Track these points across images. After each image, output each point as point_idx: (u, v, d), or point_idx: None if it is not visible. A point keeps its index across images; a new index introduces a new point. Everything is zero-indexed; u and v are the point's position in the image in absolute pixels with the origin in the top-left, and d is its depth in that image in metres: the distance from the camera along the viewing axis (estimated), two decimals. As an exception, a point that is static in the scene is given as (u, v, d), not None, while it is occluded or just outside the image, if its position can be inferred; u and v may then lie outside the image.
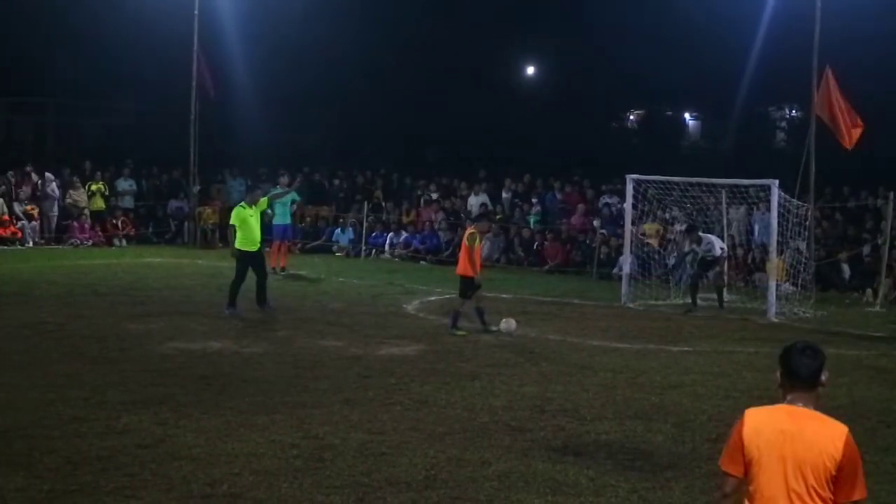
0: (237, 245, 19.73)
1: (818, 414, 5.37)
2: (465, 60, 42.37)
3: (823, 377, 5.47)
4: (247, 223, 19.68)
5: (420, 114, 42.55)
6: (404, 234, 31.72)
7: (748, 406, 13.11)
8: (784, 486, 5.27)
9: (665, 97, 44.55)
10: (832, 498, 5.27)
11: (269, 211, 23.95)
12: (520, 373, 14.85)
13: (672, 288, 23.95)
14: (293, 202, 27.92)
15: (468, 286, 18.24)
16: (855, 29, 30.24)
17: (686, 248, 23.12)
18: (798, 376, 5.41)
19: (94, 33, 39.85)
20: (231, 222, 20.02)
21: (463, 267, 18.39)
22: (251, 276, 19.68)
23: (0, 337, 16.46)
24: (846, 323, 20.55)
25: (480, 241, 18.88)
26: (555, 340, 17.74)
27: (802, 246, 23.92)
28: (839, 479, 5.24)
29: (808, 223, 23.89)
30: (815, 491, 5.25)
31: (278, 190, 24.42)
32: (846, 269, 26.03)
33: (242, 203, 20.31)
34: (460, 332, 17.82)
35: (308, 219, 33.90)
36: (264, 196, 20.97)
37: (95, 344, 16.07)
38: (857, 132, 23.71)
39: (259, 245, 19.97)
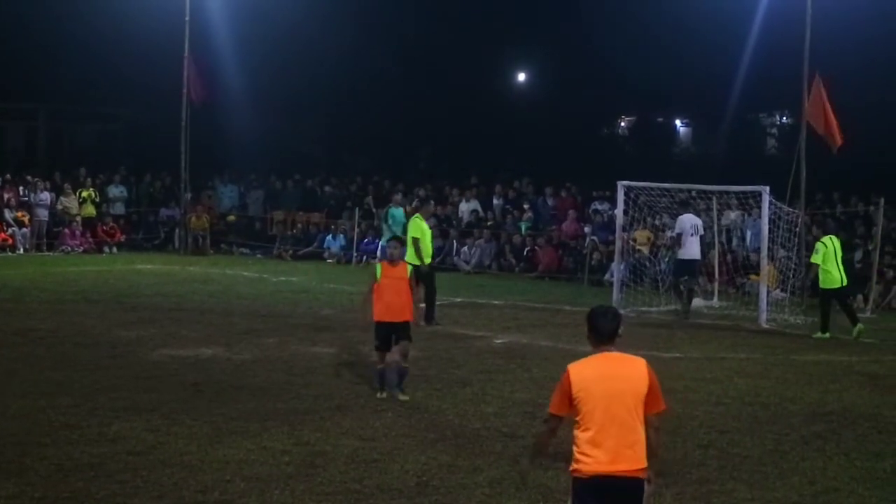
0: (411, 258, 18.21)
1: (624, 355, 7.02)
2: (456, 67, 42.31)
3: (620, 330, 7.15)
4: (425, 236, 19.43)
5: (412, 120, 42.52)
6: (396, 241, 31.65)
7: (740, 412, 13.21)
8: (610, 413, 6.79)
9: (656, 103, 44.49)
10: (644, 414, 6.89)
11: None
12: (511, 379, 14.86)
13: (662, 294, 23.98)
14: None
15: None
16: (845, 36, 30.29)
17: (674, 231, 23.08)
18: (604, 333, 7.05)
19: (85, 39, 39.70)
20: (412, 234, 19.24)
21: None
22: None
23: (-9, 344, 16.44)
24: (837, 329, 20.52)
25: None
26: (546, 347, 17.75)
27: (793, 253, 23.98)
28: (648, 398, 6.89)
29: (798, 229, 23.96)
30: (635, 411, 6.84)
31: (393, 209, 23.67)
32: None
33: (418, 215, 19.84)
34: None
35: (299, 225, 33.95)
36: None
37: (87, 351, 16.04)
38: (838, 137, 23.88)
39: (431, 258, 19.80)
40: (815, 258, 19.91)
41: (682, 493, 9.86)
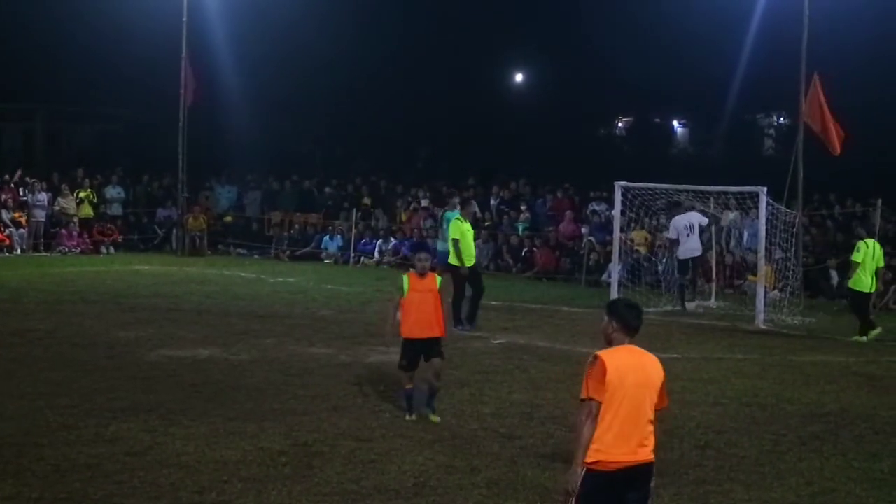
0: (452, 260, 18.97)
1: (643, 350, 7.27)
2: (454, 68, 42.40)
3: None
4: (465, 237, 19.18)
5: (410, 121, 42.56)
6: (393, 241, 31.70)
7: (737, 413, 13.20)
8: (636, 404, 7.03)
9: (654, 104, 44.56)
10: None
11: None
12: (509, 380, 14.85)
13: (663, 295, 24.00)
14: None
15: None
16: (842, 37, 30.35)
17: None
18: (631, 327, 7.27)
19: (84, 39, 39.77)
20: (452, 236, 19.16)
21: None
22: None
23: (-12, 344, 16.42)
24: (835, 330, 20.59)
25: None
26: (544, 347, 17.74)
27: (790, 253, 23.99)
28: (659, 393, 7.17)
29: (795, 230, 23.98)
30: (652, 404, 7.11)
31: (449, 213, 23.00)
32: (835, 275, 26.07)
33: (458, 216, 19.54)
34: None
35: (297, 226, 33.94)
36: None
37: (84, 351, 16.03)
38: (840, 139, 23.85)
39: (474, 260, 19.55)
40: (857, 256, 19.83)
41: (680, 494, 9.86)
